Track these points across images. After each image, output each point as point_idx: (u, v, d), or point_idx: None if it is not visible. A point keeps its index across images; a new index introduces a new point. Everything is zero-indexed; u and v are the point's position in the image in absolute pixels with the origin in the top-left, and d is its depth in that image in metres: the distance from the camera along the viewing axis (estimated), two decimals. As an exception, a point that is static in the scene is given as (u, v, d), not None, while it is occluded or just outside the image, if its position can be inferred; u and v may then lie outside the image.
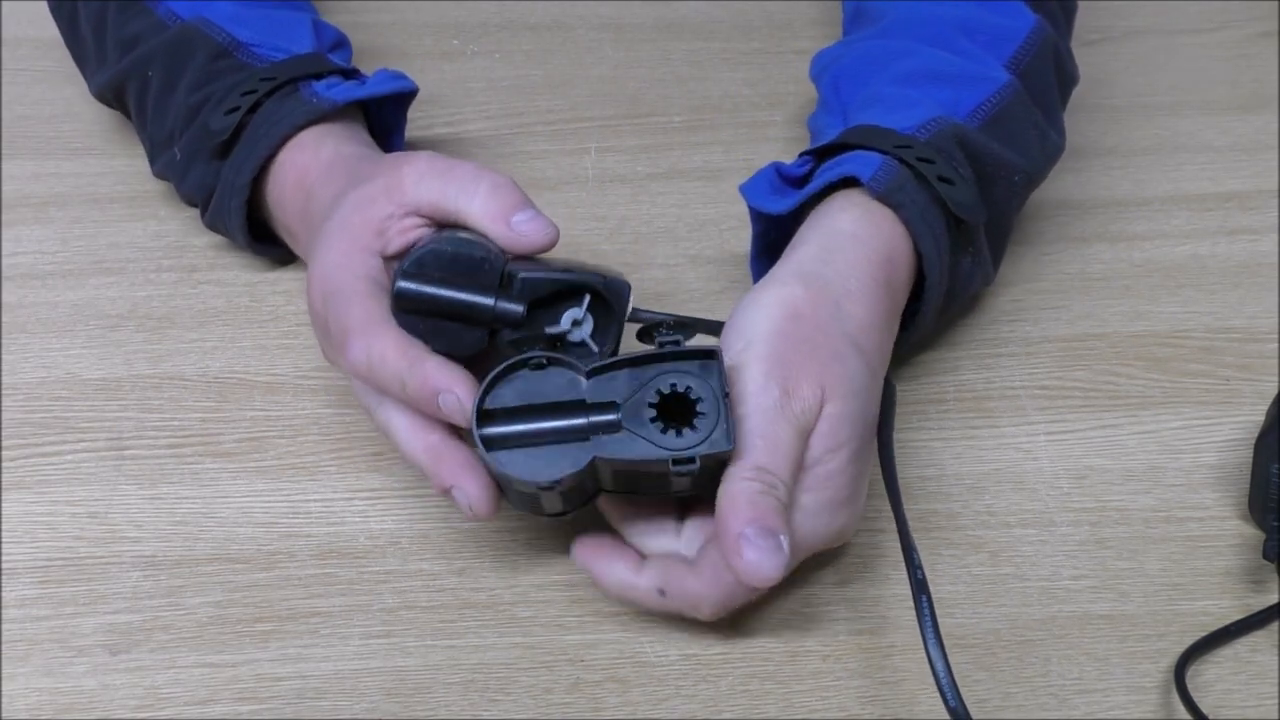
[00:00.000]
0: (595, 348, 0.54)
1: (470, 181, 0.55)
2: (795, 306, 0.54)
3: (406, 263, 0.53)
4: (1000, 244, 0.64)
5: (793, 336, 0.53)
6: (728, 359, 0.52)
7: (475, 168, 0.55)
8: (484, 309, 0.52)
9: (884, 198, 0.57)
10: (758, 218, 0.63)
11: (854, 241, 0.57)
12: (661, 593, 0.52)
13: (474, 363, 0.53)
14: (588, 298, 0.53)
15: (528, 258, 0.55)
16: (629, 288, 0.54)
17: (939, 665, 0.48)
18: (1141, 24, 0.86)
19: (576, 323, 0.53)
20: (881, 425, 0.56)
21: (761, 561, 0.48)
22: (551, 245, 0.54)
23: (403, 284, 0.52)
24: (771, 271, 0.57)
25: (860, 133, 0.61)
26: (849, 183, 0.59)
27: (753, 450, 0.51)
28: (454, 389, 0.51)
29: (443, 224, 0.55)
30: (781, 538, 0.49)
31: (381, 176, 0.56)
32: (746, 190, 0.63)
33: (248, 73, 0.65)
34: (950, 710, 0.48)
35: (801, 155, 0.63)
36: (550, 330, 0.53)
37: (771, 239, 0.63)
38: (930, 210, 0.58)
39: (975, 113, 0.62)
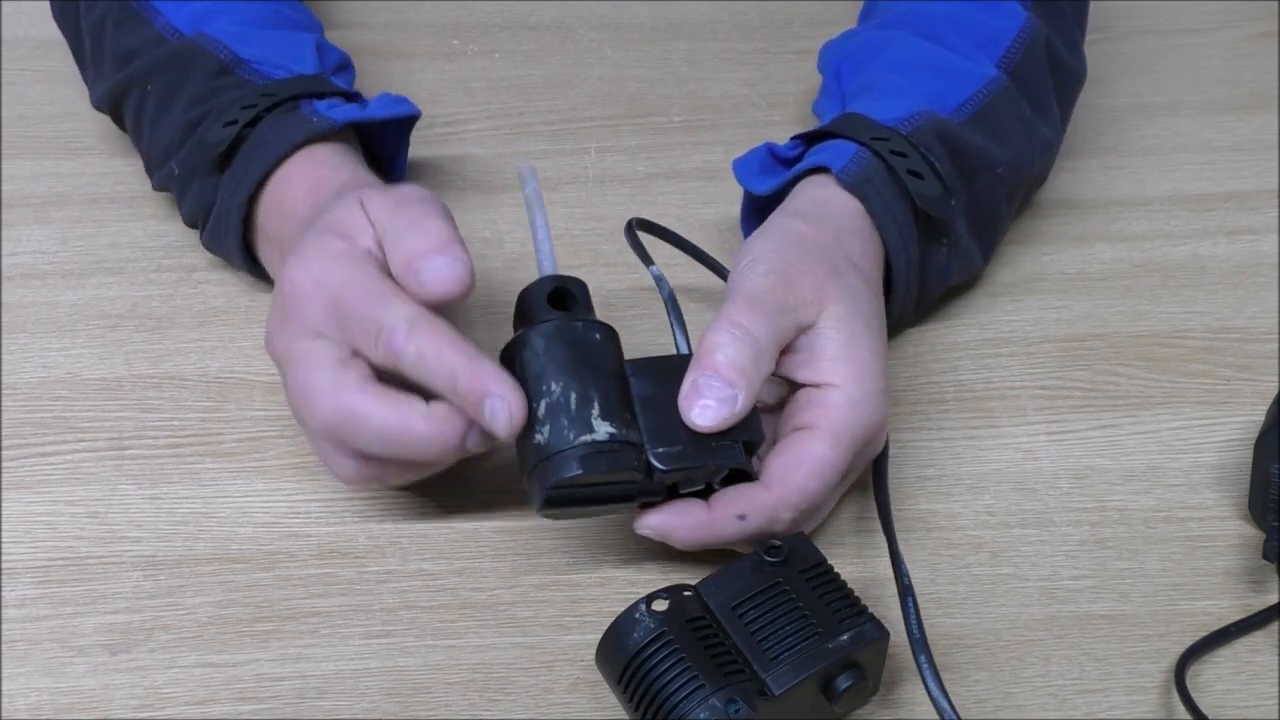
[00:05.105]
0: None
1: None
2: (799, 232, 0.57)
3: (539, 500, 0.51)
4: (989, 235, 0.66)
5: (797, 249, 0.56)
6: (734, 277, 0.55)
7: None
8: (629, 504, 0.53)
9: (852, 187, 0.60)
10: (745, 194, 0.66)
11: (835, 206, 0.60)
12: (741, 517, 0.52)
13: None
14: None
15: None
16: (763, 437, 0.54)
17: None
18: (1141, 24, 0.86)
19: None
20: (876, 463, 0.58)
21: (706, 407, 0.51)
22: (462, 294, 0.51)
23: (545, 513, 0.52)
24: (772, 215, 0.60)
25: (846, 121, 0.63)
26: (825, 170, 0.61)
27: (734, 307, 0.53)
28: (508, 396, 0.50)
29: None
30: (737, 392, 0.51)
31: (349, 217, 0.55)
32: (738, 166, 0.66)
33: (249, 88, 0.64)
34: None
35: (793, 138, 0.65)
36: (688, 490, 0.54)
37: (757, 216, 0.65)
38: (896, 202, 0.60)
39: (962, 107, 0.65)
